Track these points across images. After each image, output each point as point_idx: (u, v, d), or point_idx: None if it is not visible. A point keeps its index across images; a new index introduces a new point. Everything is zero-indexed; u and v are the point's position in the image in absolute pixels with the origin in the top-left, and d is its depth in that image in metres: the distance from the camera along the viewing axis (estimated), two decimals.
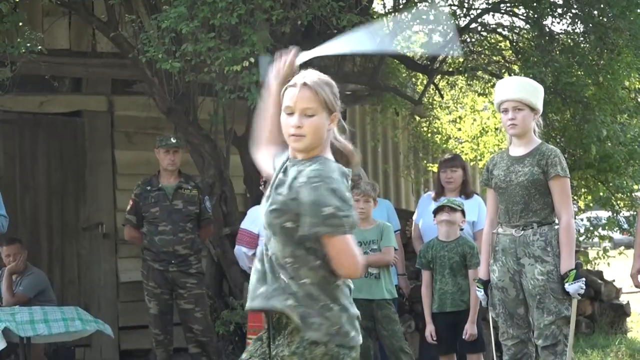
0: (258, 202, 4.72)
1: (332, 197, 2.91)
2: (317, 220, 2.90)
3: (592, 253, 10.38)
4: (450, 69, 9.28)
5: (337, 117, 3.10)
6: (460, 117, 10.53)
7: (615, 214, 9.60)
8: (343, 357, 2.99)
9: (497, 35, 9.06)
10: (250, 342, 3.40)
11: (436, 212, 5.73)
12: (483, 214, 6.61)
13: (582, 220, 10.56)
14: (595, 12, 7.76)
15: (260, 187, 6.24)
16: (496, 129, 10.04)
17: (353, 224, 2.96)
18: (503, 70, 8.83)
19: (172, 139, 6.94)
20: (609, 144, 7.93)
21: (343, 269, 3.01)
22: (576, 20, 8.09)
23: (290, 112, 3.06)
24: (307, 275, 3.00)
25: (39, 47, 6.41)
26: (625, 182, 8.59)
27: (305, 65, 3.29)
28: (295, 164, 3.08)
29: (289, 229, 3.00)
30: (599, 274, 9.88)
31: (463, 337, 5.46)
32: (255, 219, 6.02)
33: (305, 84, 3.05)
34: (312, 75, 3.10)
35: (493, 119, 10.02)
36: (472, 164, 10.61)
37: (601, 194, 9.10)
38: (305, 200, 2.93)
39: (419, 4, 8.33)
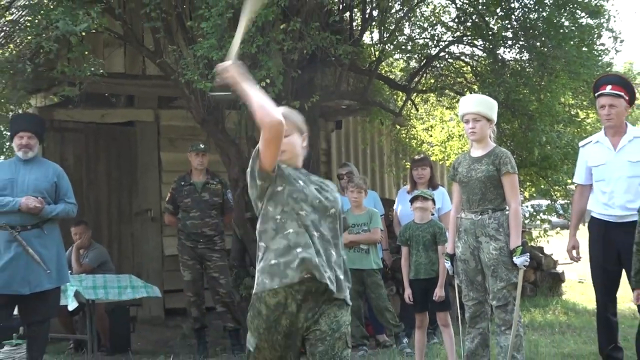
0: None
1: None
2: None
3: (535, 233, 10.39)
4: (424, 88, 9.26)
5: (306, 140, 3.17)
6: (431, 126, 10.50)
7: (553, 202, 9.60)
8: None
9: (461, 62, 9.04)
10: None
11: (412, 200, 5.73)
12: (446, 202, 6.64)
13: (527, 207, 10.56)
14: (538, 44, 7.74)
15: None
16: (460, 135, 10.02)
17: None
18: (465, 89, 8.81)
19: (200, 145, 6.98)
20: (548, 148, 7.91)
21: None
22: (523, 50, 8.07)
23: None
24: None
25: (101, 70, 6.41)
26: (561, 177, 8.58)
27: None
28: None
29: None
30: (540, 249, 9.91)
31: (433, 298, 5.46)
32: None
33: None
34: (285, 108, 3.17)
35: (457, 127, 9.99)
36: (440, 163, 10.60)
37: (542, 186, 9.10)
38: None
39: (399, 37, 8.32)
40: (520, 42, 7.96)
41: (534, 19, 7.73)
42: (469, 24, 8.26)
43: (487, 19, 8.10)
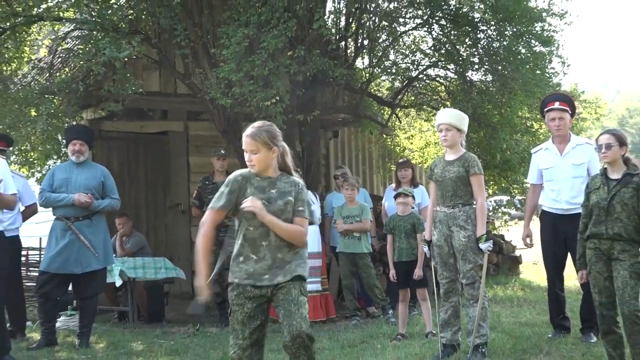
0: None
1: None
2: None
3: (497, 223, 10.36)
4: (406, 104, 9.26)
5: (277, 150, 3.17)
6: (412, 135, 10.50)
7: (512, 198, 9.59)
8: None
9: (436, 82, 9.03)
10: None
11: (396, 197, 5.74)
12: (425, 198, 6.64)
13: (491, 202, 10.54)
14: (500, 68, 7.75)
15: None
16: (436, 143, 10.01)
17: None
18: (440, 105, 8.80)
19: (222, 151, 6.98)
20: (508, 153, 7.91)
21: None
22: (487, 72, 8.07)
23: (245, 152, 3.19)
24: None
25: (140, 90, 6.42)
26: (518, 177, 8.56)
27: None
28: None
29: None
30: (502, 236, 9.88)
31: (414, 277, 5.46)
32: None
33: (246, 135, 3.17)
34: (253, 127, 3.18)
35: (433, 136, 9.99)
36: (419, 165, 10.60)
37: (503, 185, 9.09)
38: None
39: (385, 62, 8.33)
40: (485, 66, 7.97)
41: (497, 47, 7.74)
42: (443, 51, 8.27)
43: (457, 47, 8.11)
